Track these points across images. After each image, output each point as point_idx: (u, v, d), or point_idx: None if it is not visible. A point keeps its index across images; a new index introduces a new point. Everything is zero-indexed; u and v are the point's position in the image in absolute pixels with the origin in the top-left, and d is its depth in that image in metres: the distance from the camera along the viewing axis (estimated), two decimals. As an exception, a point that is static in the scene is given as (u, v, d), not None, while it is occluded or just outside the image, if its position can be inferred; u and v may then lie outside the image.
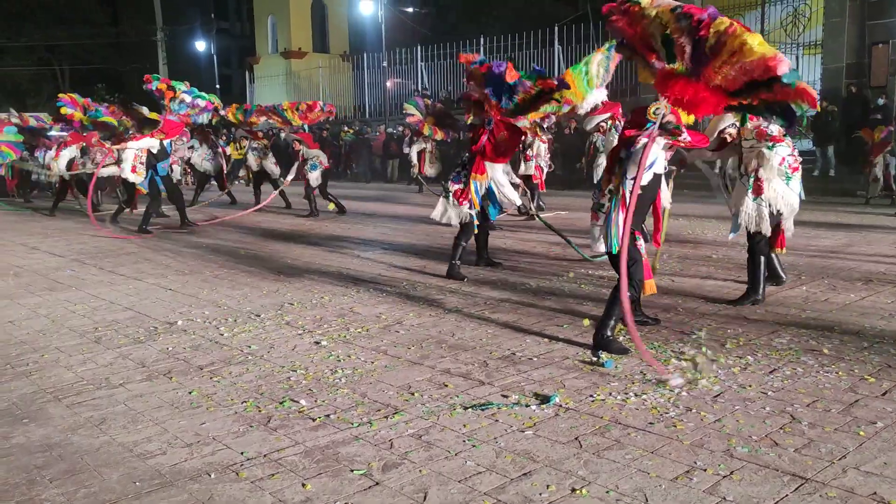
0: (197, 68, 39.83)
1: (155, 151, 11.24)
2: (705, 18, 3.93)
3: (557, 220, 10.43)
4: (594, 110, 8.17)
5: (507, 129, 6.75)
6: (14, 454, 3.37)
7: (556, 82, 5.91)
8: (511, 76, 6.21)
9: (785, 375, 4.10)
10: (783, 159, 5.58)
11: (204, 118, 12.69)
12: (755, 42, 3.80)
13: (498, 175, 7.02)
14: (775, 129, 5.50)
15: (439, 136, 14.04)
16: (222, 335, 5.30)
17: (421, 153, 16.05)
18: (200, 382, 4.28)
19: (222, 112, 13.51)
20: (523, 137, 8.48)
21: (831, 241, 8.85)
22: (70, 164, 14.12)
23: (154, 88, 11.74)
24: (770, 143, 5.55)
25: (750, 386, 3.95)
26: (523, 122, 6.74)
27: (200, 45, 40.18)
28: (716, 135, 5.78)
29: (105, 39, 39.93)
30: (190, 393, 4.10)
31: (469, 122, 7.69)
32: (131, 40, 38.75)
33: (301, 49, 35.54)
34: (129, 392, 4.15)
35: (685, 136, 4.46)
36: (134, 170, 11.28)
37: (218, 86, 32.70)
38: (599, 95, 7.00)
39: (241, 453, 3.29)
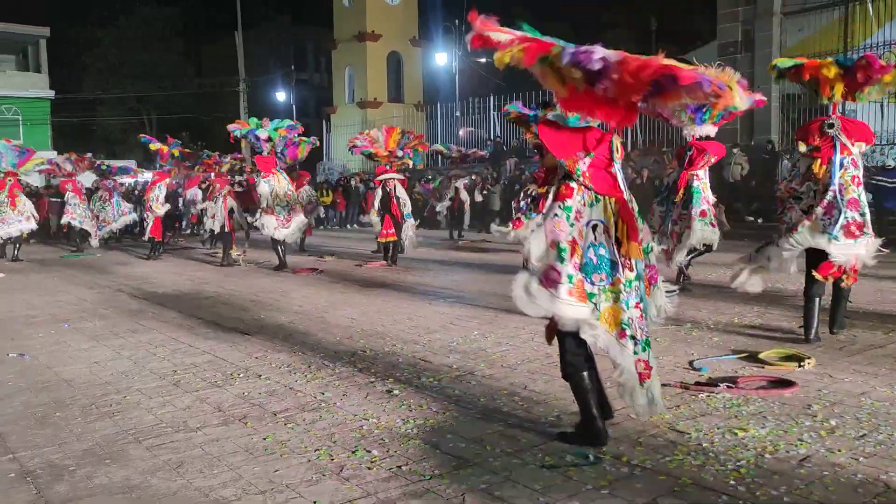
0: (276, 117, 41.15)
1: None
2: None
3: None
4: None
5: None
6: (96, 495, 3.47)
7: None
8: None
9: (877, 440, 3.89)
10: None
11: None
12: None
13: None
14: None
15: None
16: (296, 381, 5.37)
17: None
18: (275, 428, 4.33)
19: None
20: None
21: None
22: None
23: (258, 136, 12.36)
24: None
25: (839, 450, 3.76)
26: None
27: (280, 96, 41.76)
28: None
29: (190, 90, 41.86)
30: (264, 439, 4.15)
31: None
32: (214, 91, 40.47)
33: (377, 99, 36.46)
34: (205, 436, 4.23)
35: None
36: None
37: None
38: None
39: (314, 502, 3.30)
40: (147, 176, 19.43)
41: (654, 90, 3.32)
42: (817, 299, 6.06)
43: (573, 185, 3.79)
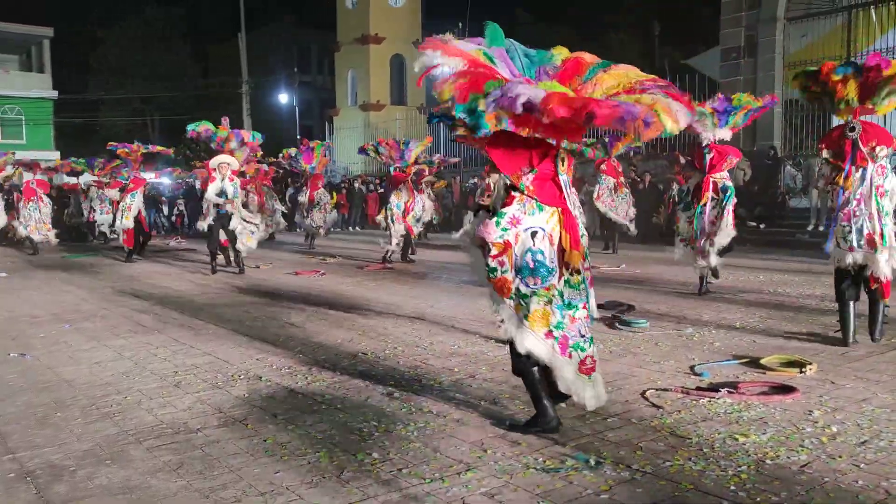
0: (279, 119, 41.33)
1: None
2: None
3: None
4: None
5: None
6: (96, 495, 3.47)
7: None
8: None
9: (878, 447, 3.88)
10: None
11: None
12: None
13: None
14: None
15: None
16: (297, 383, 5.36)
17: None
18: (275, 430, 4.33)
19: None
20: None
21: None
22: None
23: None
24: None
25: (840, 457, 3.75)
26: None
27: (283, 98, 41.77)
28: None
29: (193, 91, 41.92)
30: (265, 441, 4.15)
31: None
32: (218, 92, 40.50)
33: (379, 101, 36.51)
34: (206, 437, 4.23)
35: None
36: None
37: (299, 136, 33.77)
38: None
39: (314, 505, 3.30)
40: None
41: (588, 121, 3.47)
42: (851, 303, 6.09)
43: (515, 194, 4.02)
